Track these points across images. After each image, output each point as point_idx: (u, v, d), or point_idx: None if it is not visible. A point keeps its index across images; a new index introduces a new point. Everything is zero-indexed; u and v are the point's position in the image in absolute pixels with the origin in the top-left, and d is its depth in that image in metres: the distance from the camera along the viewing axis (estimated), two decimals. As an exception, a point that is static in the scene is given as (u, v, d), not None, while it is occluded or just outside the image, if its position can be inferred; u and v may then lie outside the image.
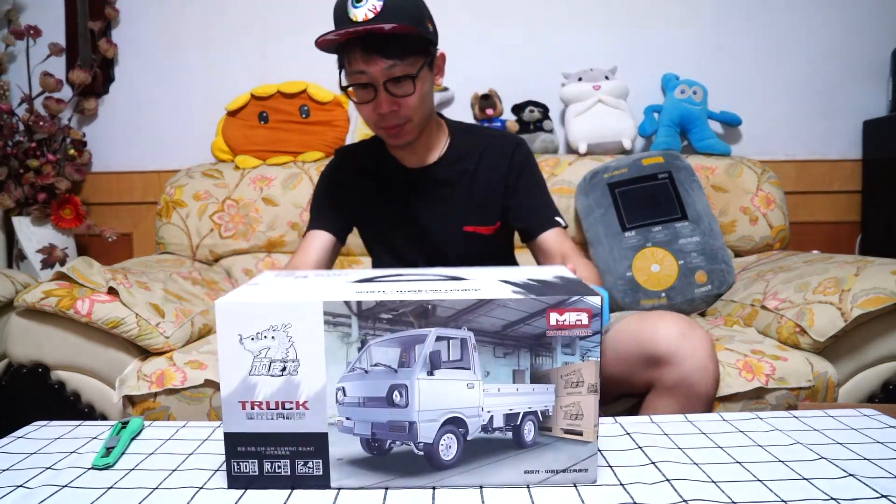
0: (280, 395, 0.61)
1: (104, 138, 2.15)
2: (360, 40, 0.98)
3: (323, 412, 0.61)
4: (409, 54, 1.01)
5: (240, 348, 0.60)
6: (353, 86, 1.04)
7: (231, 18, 2.12)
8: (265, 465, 0.62)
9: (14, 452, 0.74)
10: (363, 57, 0.99)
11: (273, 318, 0.60)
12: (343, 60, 1.04)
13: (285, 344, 0.60)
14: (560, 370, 0.61)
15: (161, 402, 1.25)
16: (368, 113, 1.07)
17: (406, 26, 0.97)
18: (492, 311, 0.60)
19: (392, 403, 0.61)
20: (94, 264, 1.38)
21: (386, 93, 1.02)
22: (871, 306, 1.24)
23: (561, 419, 0.62)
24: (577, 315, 0.60)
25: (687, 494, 0.60)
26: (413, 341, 0.60)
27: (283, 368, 0.60)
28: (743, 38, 2.11)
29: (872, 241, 2.06)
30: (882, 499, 0.59)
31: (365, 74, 1.01)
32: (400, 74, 1.01)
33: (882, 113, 2.09)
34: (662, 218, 1.71)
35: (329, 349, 0.60)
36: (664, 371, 0.96)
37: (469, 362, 0.61)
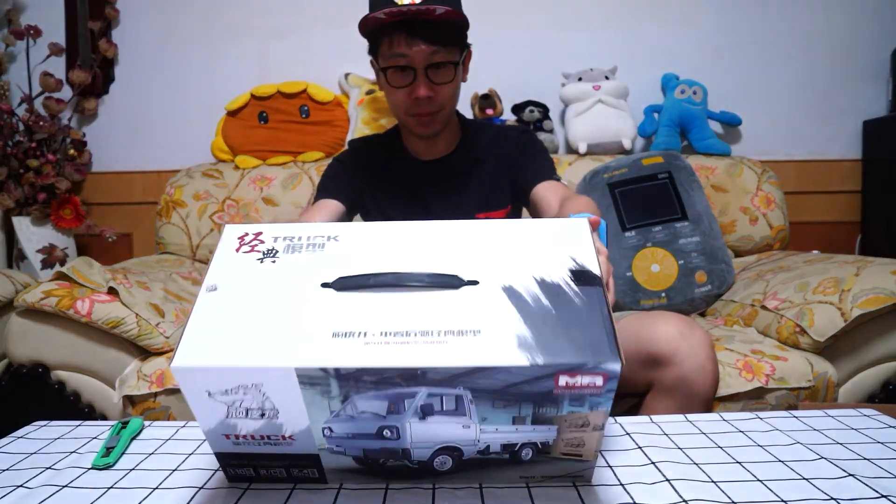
0: (264, 431, 0.56)
1: (104, 138, 2.15)
2: (405, 23, 0.97)
3: (311, 442, 0.57)
4: (452, 42, 1.01)
5: (210, 401, 0.54)
6: (391, 68, 1.02)
7: (231, 18, 2.12)
8: (261, 471, 0.62)
9: (14, 452, 0.74)
10: (407, 40, 0.98)
11: (242, 380, 0.52)
12: (380, 42, 1.03)
13: (259, 398, 0.53)
14: (565, 416, 0.55)
15: (161, 402, 1.25)
16: (402, 98, 1.05)
17: (455, 12, 0.97)
18: (492, 375, 0.51)
19: (383, 438, 0.56)
20: (94, 264, 1.38)
21: (425, 78, 1.01)
22: (871, 306, 1.24)
23: (562, 447, 0.58)
24: (591, 379, 0.51)
25: (687, 494, 0.60)
26: (402, 396, 0.53)
27: (261, 414, 0.55)
28: (743, 39, 2.11)
29: (872, 241, 2.06)
30: (882, 499, 0.59)
31: (405, 58, 1.00)
32: (441, 60, 1.00)
33: (882, 113, 2.09)
34: (662, 218, 1.71)
35: (309, 402, 0.53)
36: (664, 371, 0.96)
37: (465, 411, 0.54)
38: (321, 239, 0.60)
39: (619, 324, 1.05)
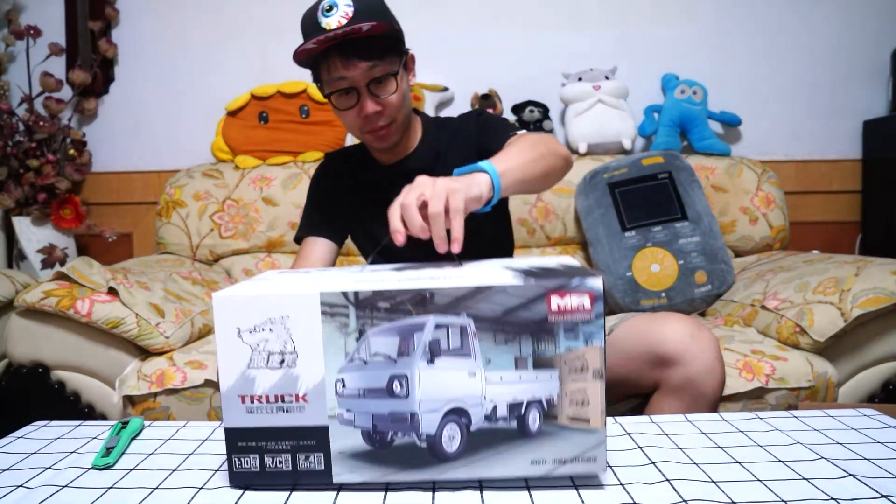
0: (279, 389, 0.61)
1: (104, 138, 2.15)
2: (338, 46, 0.99)
3: (323, 405, 0.61)
4: (387, 54, 1.02)
5: (237, 342, 0.60)
6: (334, 92, 1.03)
7: (231, 18, 2.12)
8: (266, 460, 0.62)
9: (14, 452, 0.74)
10: (343, 62, 0.99)
11: (271, 311, 0.60)
12: (320, 70, 1.04)
13: (283, 336, 0.60)
14: (563, 356, 0.59)
15: (161, 402, 1.25)
16: (352, 119, 1.06)
17: (383, 24, 0.98)
18: (491, 297, 0.58)
19: (392, 394, 0.60)
20: (94, 264, 1.38)
21: (369, 94, 1.02)
22: (871, 306, 1.24)
23: (567, 407, 0.60)
24: (580, 299, 0.58)
25: (687, 494, 0.60)
26: (412, 329, 0.59)
27: (281, 361, 0.60)
28: (743, 38, 2.11)
29: (872, 241, 2.06)
30: (882, 499, 0.59)
31: (345, 80, 1.01)
32: (381, 74, 1.01)
33: (882, 113, 2.09)
34: (662, 218, 1.71)
35: (327, 340, 0.60)
36: (671, 371, 0.96)
37: (469, 350, 0.59)
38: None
39: (627, 323, 1.05)
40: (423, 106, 2.00)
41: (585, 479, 0.64)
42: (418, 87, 2.01)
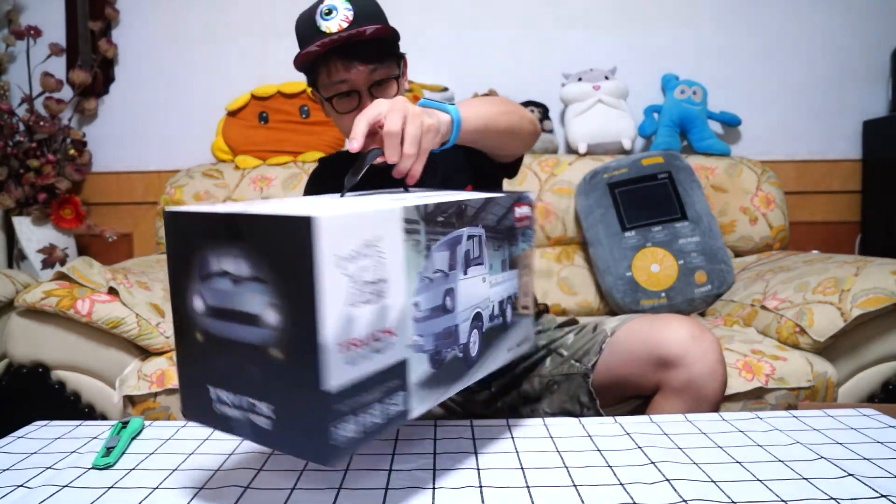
0: (375, 325, 0.54)
1: (104, 138, 2.15)
2: (338, 50, 0.98)
3: (405, 335, 0.57)
4: (388, 57, 1.01)
5: (335, 273, 0.49)
6: (335, 96, 1.03)
7: (231, 18, 2.12)
8: (361, 418, 0.53)
9: (14, 452, 0.74)
10: (344, 65, 0.98)
11: (365, 232, 0.52)
12: (319, 74, 1.03)
13: (378, 261, 0.54)
14: (520, 256, 0.75)
15: (161, 402, 1.25)
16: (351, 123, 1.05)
17: (385, 27, 0.98)
18: (492, 208, 0.69)
19: (446, 310, 0.63)
20: (95, 264, 1.38)
21: (370, 98, 1.01)
22: (870, 306, 1.24)
23: (521, 298, 0.75)
24: (528, 209, 0.76)
25: (687, 494, 0.60)
26: (454, 242, 0.64)
27: (375, 291, 0.54)
28: (743, 39, 2.11)
29: (872, 241, 2.06)
30: (882, 499, 0.59)
31: (347, 83, 1.00)
32: (382, 77, 1.01)
33: (882, 113, 2.09)
34: (662, 218, 1.72)
35: (407, 261, 0.57)
36: (673, 373, 0.96)
37: (483, 258, 0.68)
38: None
39: (628, 325, 1.04)
40: (423, 106, 2.00)
41: (584, 478, 0.64)
42: (418, 86, 2.01)
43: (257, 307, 0.51)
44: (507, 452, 0.71)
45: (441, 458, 0.70)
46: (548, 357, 1.09)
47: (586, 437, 0.76)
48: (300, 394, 0.50)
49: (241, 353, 0.52)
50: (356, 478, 0.65)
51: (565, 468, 0.67)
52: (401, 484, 0.63)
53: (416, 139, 0.70)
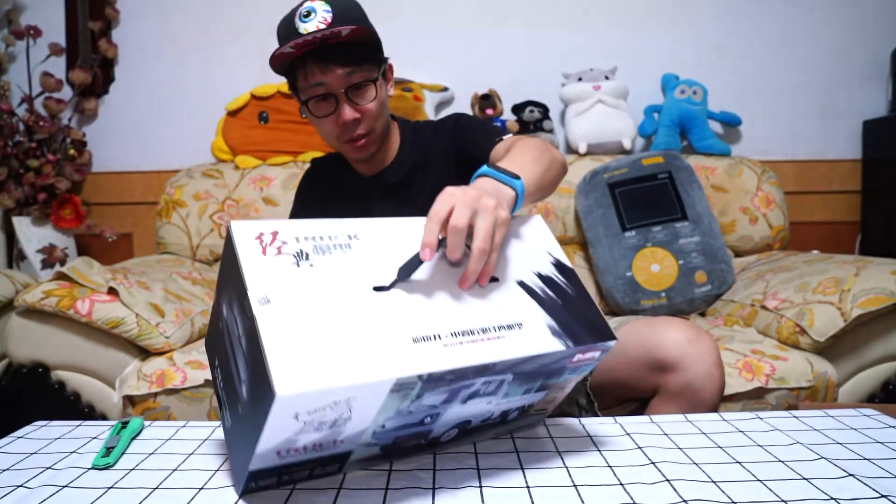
0: (321, 440, 0.56)
1: (104, 138, 2.15)
2: (315, 52, 0.97)
3: (356, 441, 0.59)
4: (366, 60, 1.00)
5: (290, 423, 0.52)
6: (312, 98, 1.01)
7: (231, 18, 2.12)
8: (284, 477, 0.60)
9: (14, 452, 0.74)
10: (320, 67, 0.97)
11: (338, 396, 0.52)
12: (297, 77, 1.02)
13: (343, 410, 0.53)
14: (560, 383, 0.68)
15: (161, 402, 1.25)
16: (330, 127, 1.03)
17: (362, 29, 0.96)
18: (537, 360, 0.61)
19: (422, 424, 0.62)
20: (94, 264, 1.38)
21: (347, 101, 1.00)
22: (870, 306, 1.24)
23: (537, 405, 0.71)
24: (595, 354, 0.65)
25: (687, 494, 0.60)
26: (463, 387, 0.59)
27: (332, 424, 0.55)
28: (743, 38, 2.11)
29: (872, 241, 2.06)
30: (882, 499, 0.59)
31: (323, 85, 0.99)
32: (360, 80, 0.99)
33: (882, 113, 2.09)
34: (662, 218, 1.71)
35: (386, 405, 0.55)
36: (670, 377, 0.95)
37: (498, 392, 0.63)
38: (344, 238, 0.61)
39: (626, 327, 1.04)
40: (424, 106, 2.00)
41: (584, 478, 0.64)
42: (418, 86, 2.01)
43: (241, 365, 0.57)
44: (507, 452, 0.71)
45: (441, 458, 0.69)
46: None
47: (586, 437, 0.75)
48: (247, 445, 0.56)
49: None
50: (356, 478, 0.65)
51: (565, 468, 0.67)
52: (401, 484, 0.63)
53: (489, 235, 0.61)
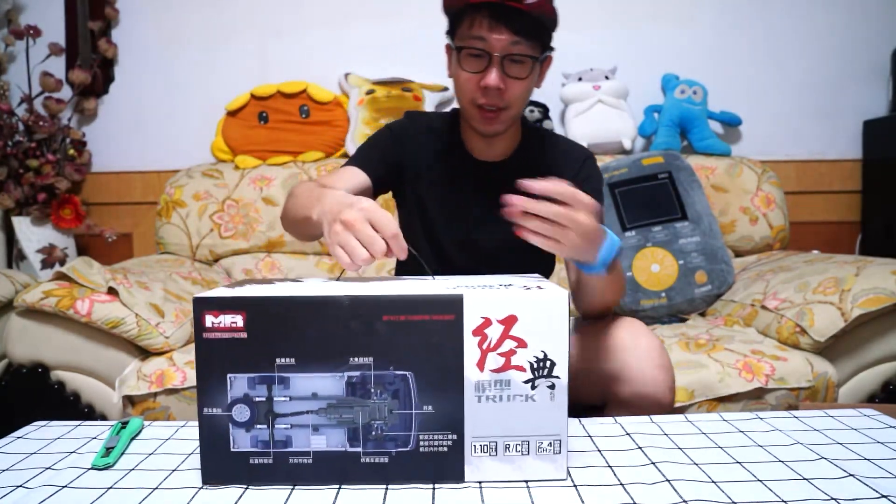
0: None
1: (104, 138, 2.15)
2: (490, 6, 0.93)
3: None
4: (535, 37, 0.96)
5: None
6: (466, 49, 0.97)
7: (231, 18, 2.12)
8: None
9: (14, 452, 0.74)
10: (490, 24, 0.94)
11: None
12: (461, 22, 0.98)
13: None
14: None
15: (161, 402, 1.25)
16: (470, 85, 0.99)
17: (547, 4, 0.93)
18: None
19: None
20: (94, 264, 1.38)
21: (500, 67, 0.96)
22: (871, 306, 1.24)
23: None
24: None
25: (687, 494, 0.59)
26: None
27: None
28: (743, 38, 2.11)
29: (872, 241, 2.06)
30: (882, 499, 0.59)
31: (483, 41, 0.94)
32: (521, 53, 0.95)
33: (882, 113, 2.09)
34: (662, 218, 1.71)
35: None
36: (616, 387, 0.92)
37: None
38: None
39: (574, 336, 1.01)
40: (423, 106, 2.00)
41: (584, 478, 0.64)
42: (418, 86, 2.01)
43: None
44: (507, 452, 0.71)
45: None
46: None
47: (586, 437, 0.75)
48: None
49: None
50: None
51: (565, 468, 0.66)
52: (401, 484, 0.63)
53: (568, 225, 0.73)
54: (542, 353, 0.63)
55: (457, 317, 0.62)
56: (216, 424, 0.63)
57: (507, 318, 0.62)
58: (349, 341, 0.62)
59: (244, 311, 0.62)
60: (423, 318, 0.62)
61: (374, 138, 1.16)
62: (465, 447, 0.63)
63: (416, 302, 0.62)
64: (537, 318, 0.62)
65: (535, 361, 0.63)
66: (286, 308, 0.62)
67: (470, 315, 0.62)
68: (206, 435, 0.63)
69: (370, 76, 2.03)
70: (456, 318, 0.62)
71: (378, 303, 0.62)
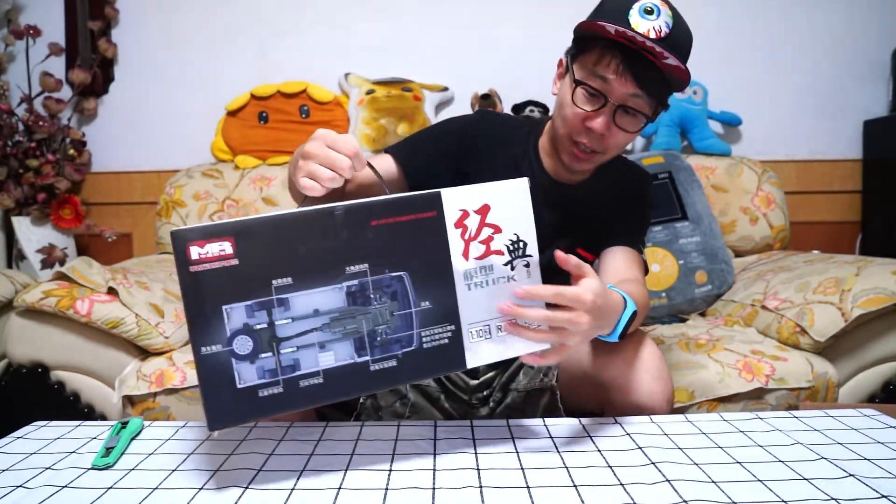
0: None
1: (104, 138, 2.14)
2: (625, 50, 0.87)
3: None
4: (656, 95, 0.91)
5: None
6: (585, 85, 0.91)
7: (231, 18, 2.12)
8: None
9: (14, 452, 0.74)
10: (618, 68, 0.88)
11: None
12: (590, 53, 0.92)
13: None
14: None
15: (161, 402, 1.25)
16: (577, 121, 0.93)
17: (683, 69, 0.87)
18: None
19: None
20: (94, 264, 1.38)
21: (610, 115, 0.91)
22: (871, 306, 1.24)
23: None
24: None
25: (687, 495, 0.59)
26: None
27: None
28: (743, 39, 2.11)
29: (872, 241, 2.06)
30: (882, 499, 0.59)
31: (606, 83, 0.89)
32: (637, 108, 0.90)
33: (882, 113, 2.09)
34: (662, 218, 1.71)
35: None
36: (613, 396, 0.92)
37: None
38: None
39: None
40: (424, 106, 2.00)
41: (584, 478, 0.64)
42: (418, 86, 2.01)
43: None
44: (507, 452, 0.71)
45: (441, 458, 0.69)
46: (521, 369, 1.05)
47: (586, 437, 0.75)
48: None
49: None
50: (356, 478, 0.65)
51: (565, 468, 0.66)
52: (401, 484, 0.63)
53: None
54: (515, 236, 0.70)
55: (438, 212, 0.66)
56: (217, 363, 0.60)
57: (481, 208, 0.68)
58: (343, 252, 0.63)
59: (231, 238, 0.59)
60: (409, 219, 0.65)
61: (430, 131, 1.09)
62: (462, 335, 0.68)
63: (401, 203, 0.65)
64: (507, 203, 0.69)
65: (511, 244, 0.70)
66: (275, 227, 0.61)
67: (450, 209, 0.66)
68: (207, 377, 0.60)
69: (370, 76, 2.03)
70: (438, 214, 0.66)
71: (369, 208, 0.64)
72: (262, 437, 0.76)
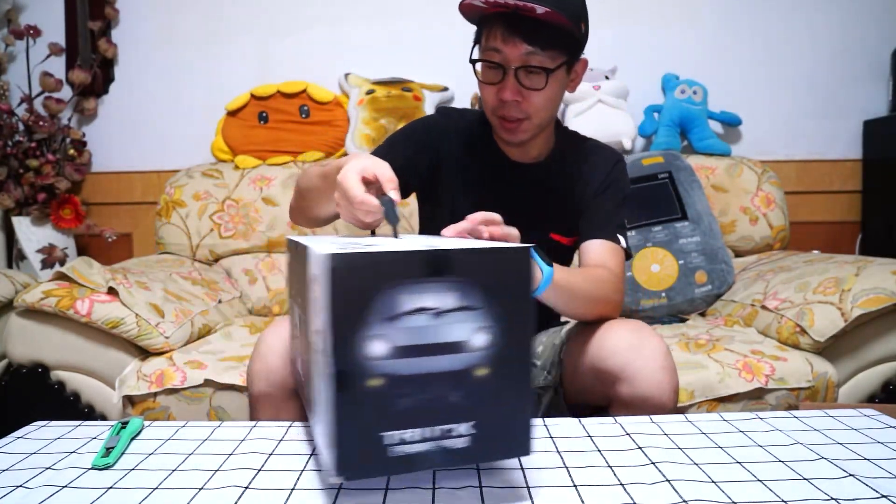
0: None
1: (104, 138, 2.14)
2: (505, 17, 0.91)
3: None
4: (552, 47, 0.93)
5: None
6: (481, 61, 0.96)
7: (231, 18, 2.12)
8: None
9: (14, 452, 0.74)
10: (503, 35, 0.92)
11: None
12: (481, 33, 0.98)
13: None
14: None
15: (161, 402, 1.25)
16: (491, 97, 0.99)
17: (558, 15, 0.89)
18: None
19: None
20: (94, 264, 1.38)
21: (515, 80, 0.94)
22: (871, 306, 1.24)
23: None
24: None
25: (687, 494, 0.59)
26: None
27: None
28: (743, 38, 2.11)
29: (872, 241, 2.06)
30: (882, 499, 0.59)
31: (499, 54, 0.94)
32: (535, 65, 0.93)
33: (882, 113, 2.09)
34: (662, 218, 1.72)
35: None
36: (618, 387, 0.91)
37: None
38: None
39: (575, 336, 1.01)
40: (424, 106, 2.00)
41: (584, 478, 0.64)
42: (418, 86, 2.01)
43: (464, 334, 0.55)
44: (507, 452, 0.71)
45: (441, 458, 0.69)
46: None
47: (586, 437, 0.75)
48: (506, 402, 0.57)
49: (439, 383, 0.55)
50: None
51: (565, 468, 0.66)
52: (401, 484, 0.63)
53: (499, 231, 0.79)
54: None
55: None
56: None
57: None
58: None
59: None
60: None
61: (401, 132, 1.13)
62: None
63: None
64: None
65: None
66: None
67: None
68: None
69: (370, 76, 2.04)
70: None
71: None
72: (263, 437, 0.76)
